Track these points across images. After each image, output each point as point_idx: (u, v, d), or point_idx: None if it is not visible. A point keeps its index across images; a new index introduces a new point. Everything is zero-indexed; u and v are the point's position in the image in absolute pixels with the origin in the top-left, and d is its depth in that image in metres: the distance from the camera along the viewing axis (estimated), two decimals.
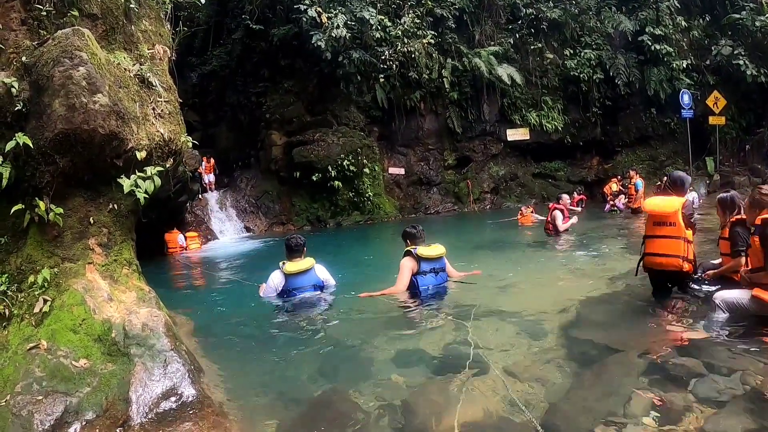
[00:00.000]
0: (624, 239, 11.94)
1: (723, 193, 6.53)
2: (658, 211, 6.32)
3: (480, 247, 13.48)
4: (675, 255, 6.15)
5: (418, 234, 7.55)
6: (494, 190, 25.92)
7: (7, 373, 4.26)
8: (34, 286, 4.99)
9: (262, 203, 22.80)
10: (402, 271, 7.30)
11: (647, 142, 26.78)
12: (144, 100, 6.27)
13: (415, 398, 4.55)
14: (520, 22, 25.87)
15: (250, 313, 7.51)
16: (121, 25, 6.50)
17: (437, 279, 7.49)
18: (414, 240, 7.51)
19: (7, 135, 5.09)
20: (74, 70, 5.09)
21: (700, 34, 25.66)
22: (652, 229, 6.39)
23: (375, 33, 21.68)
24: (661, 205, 6.35)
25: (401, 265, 7.34)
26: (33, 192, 5.20)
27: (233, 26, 24.68)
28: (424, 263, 7.34)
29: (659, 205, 6.37)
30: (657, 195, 7.10)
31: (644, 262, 6.55)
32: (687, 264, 6.14)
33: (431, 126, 25.19)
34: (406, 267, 7.28)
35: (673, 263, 6.18)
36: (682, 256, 6.11)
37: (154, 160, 6.13)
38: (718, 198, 6.51)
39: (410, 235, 7.60)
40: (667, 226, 6.20)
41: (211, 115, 26.16)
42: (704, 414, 3.89)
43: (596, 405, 4.13)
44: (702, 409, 3.94)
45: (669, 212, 6.18)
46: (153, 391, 4.37)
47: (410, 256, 7.31)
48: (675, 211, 6.12)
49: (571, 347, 5.41)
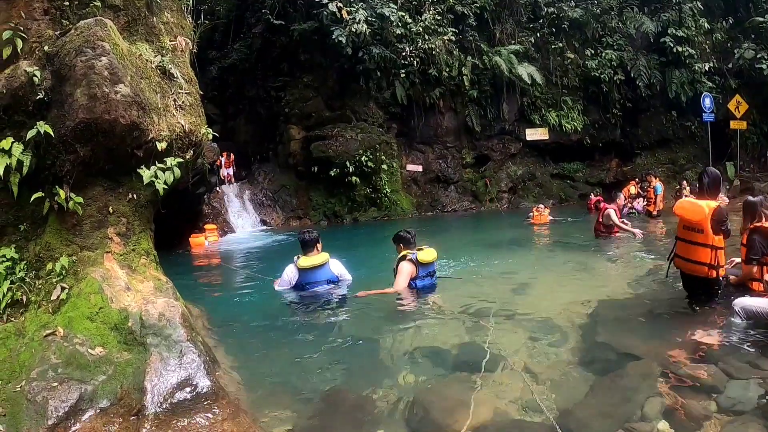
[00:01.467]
0: (641, 243, 11.81)
1: (751, 197, 6.32)
2: (686, 217, 6.12)
3: (497, 246, 13.41)
4: (701, 262, 5.97)
5: (412, 239, 7.64)
6: (512, 189, 25.75)
7: (23, 359, 4.29)
8: (52, 273, 5.03)
9: (280, 197, 22.84)
10: (402, 275, 7.38)
11: (667, 146, 26.47)
12: (165, 91, 6.29)
13: (429, 396, 4.54)
14: (542, 21, 25.63)
15: (265, 306, 7.55)
16: (143, 17, 6.52)
17: (432, 281, 7.73)
18: (408, 245, 7.61)
19: (29, 123, 5.14)
20: (96, 60, 5.12)
21: (723, 37, 25.28)
22: (682, 232, 6.22)
23: (395, 29, 21.60)
24: (690, 210, 6.10)
25: (401, 269, 7.42)
26: (53, 180, 5.24)
27: (253, 20, 24.70)
28: (422, 268, 7.49)
29: (688, 210, 6.13)
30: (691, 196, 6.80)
31: (675, 262, 6.43)
32: (713, 271, 5.93)
33: (450, 124, 25.08)
34: (406, 272, 7.38)
35: (699, 270, 6.02)
36: (708, 263, 5.91)
37: (175, 151, 6.15)
38: (745, 201, 6.36)
39: (404, 239, 7.66)
40: (695, 232, 6.00)
41: (231, 108, 26.24)
42: (722, 422, 3.84)
43: (612, 410, 4.09)
44: (720, 417, 3.89)
45: (697, 219, 5.94)
46: (168, 381, 4.38)
47: (411, 262, 7.41)
48: (703, 218, 5.86)
49: (588, 351, 5.37)
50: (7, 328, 4.64)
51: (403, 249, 7.60)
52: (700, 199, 6.11)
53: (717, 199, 6.13)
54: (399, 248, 7.67)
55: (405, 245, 7.61)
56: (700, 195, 6.15)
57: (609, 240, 12.33)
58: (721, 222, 5.90)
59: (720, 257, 5.96)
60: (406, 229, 7.84)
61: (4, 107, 5.21)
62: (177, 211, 11.20)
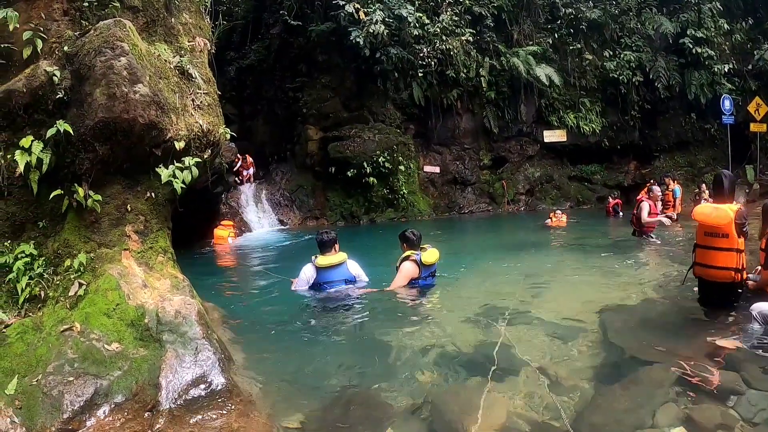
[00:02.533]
0: (659, 246, 11.70)
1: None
2: (710, 222, 5.93)
3: (513, 248, 13.34)
4: (728, 268, 5.83)
5: (417, 240, 7.77)
6: (529, 191, 25.61)
7: (39, 353, 4.35)
8: (70, 270, 5.10)
9: (297, 197, 22.90)
10: (402, 274, 7.58)
11: (686, 148, 26.19)
12: (183, 91, 6.35)
13: (444, 397, 4.54)
14: (559, 22, 25.46)
15: (282, 305, 7.57)
16: (162, 18, 6.59)
17: (432, 280, 7.94)
18: (412, 246, 7.75)
19: (49, 122, 5.23)
20: (115, 60, 5.19)
21: (743, 38, 24.97)
22: (703, 239, 6.04)
23: (413, 30, 21.58)
24: (714, 215, 5.90)
25: (403, 269, 7.61)
26: (72, 178, 5.31)
27: (271, 21, 24.82)
28: (425, 269, 7.67)
29: (711, 216, 5.93)
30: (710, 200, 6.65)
31: (695, 270, 6.26)
32: (739, 275, 5.84)
33: (467, 125, 24.99)
34: (408, 272, 7.58)
35: (726, 276, 5.88)
36: (735, 267, 5.80)
37: (193, 150, 6.21)
38: (764, 204, 6.26)
39: (409, 240, 7.79)
40: (720, 237, 5.83)
41: (248, 108, 26.36)
42: (740, 429, 3.79)
43: (625, 416, 4.06)
44: (738, 426, 3.84)
45: (722, 224, 5.78)
46: (183, 377, 4.43)
47: (414, 263, 7.58)
48: (729, 222, 5.72)
49: (602, 355, 5.32)
50: (25, 322, 4.70)
51: (407, 249, 7.73)
52: (719, 203, 6.00)
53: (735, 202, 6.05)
54: (403, 247, 7.81)
55: (409, 246, 7.74)
56: (720, 198, 6.05)
57: (629, 242, 12.22)
58: (743, 224, 5.82)
59: (744, 260, 5.87)
60: (412, 230, 7.94)
61: (25, 106, 5.30)
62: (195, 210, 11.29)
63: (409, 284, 7.59)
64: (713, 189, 6.26)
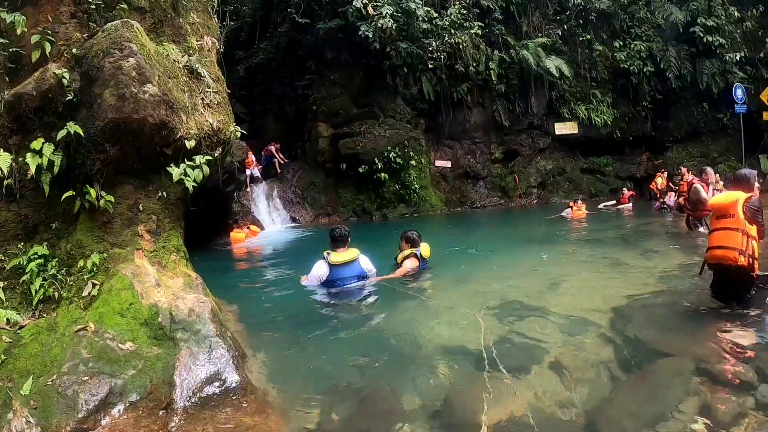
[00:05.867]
0: (674, 238, 11.60)
1: None
2: (719, 205, 6.22)
3: (528, 241, 13.30)
4: (731, 247, 5.77)
5: (419, 240, 8.43)
6: (541, 184, 25.50)
7: (54, 354, 4.38)
8: (83, 270, 5.14)
9: (309, 194, 22.90)
10: (405, 268, 8.17)
11: (699, 138, 26.02)
12: (193, 90, 6.37)
13: (457, 393, 4.51)
14: (568, 13, 25.31)
15: (295, 302, 7.57)
16: (170, 18, 6.61)
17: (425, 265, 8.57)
18: (414, 245, 8.36)
19: (59, 124, 5.27)
20: (124, 60, 5.21)
21: (754, 26, 24.71)
22: (714, 222, 6.21)
23: (422, 24, 21.49)
24: (722, 198, 6.26)
25: (406, 264, 8.20)
26: (84, 179, 5.35)
27: (279, 20, 24.80)
28: (423, 262, 8.43)
29: (720, 199, 6.32)
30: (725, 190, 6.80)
31: (706, 258, 6.23)
32: (743, 258, 5.72)
33: (478, 119, 24.90)
34: (411, 266, 8.20)
35: (729, 255, 5.80)
36: (739, 248, 5.72)
37: (203, 149, 6.23)
38: None
39: (411, 240, 8.44)
40: (727, 218, 5.96)
41: (258, 107, 26.35)
42: (757, 421, 3.75)
43: (641, 409, 4.02)
44: (757, 416, 3.80)
45: (728, 203, 5.98)
46: (197, 375, 4.44)
47: (416, 257, 8.27)
48: (734, 201, 5.89)
49: (617, 348, 5.27)
50: (40, 323, 4.74)
51: (408, 248, 8.31)
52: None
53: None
54: (404, 246, 8.39)
55: (412, 245, 8.34)
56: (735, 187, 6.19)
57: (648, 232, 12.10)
58: (756, 210, 5.82)
59: (752, 247, 5.77)
60: (413, 230, 8.60)
61: (35, 109, 5.34)
62: (207, 208, 11.34)
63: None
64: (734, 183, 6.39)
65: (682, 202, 16.42)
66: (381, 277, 7.92)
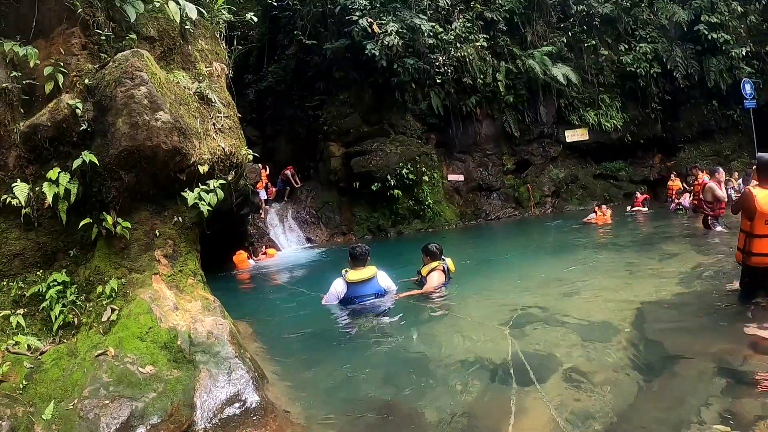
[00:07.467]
0: (691, 239, 11.52)
1: None
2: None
3: (544, 249, 13.28)
4: None
5: (440, 253, 8.38)
6: (555, 193, 25.40)
7: (75, 378, 4.42)
8: (102, 296, 5.20)
9: (323, 214, 22.99)
10: (433, 282, 8.14)
11: (710, 137, 25.89)
12: (204, 116, 6.45)
13: (478, 406, 4.49)
14: (572, 20, 25.37)
15: (313, 321, 7.59)
16: (179, 46, 6.71)
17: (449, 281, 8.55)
18: (435, 258, 8.32)
19: (74, 153, 5.36)
20: (135, 89, 5.29)
21: (758, 19, 24.60)
22: (763, 227, 5.70)
23: (427, 40, 21.64)
24: None
25: (433, 277, 8.18)
26: (100, 207, 5.42)
27: (286, 42, 25.07)
28: (449, 276, 8.45)
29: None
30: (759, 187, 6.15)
31: (751, 261, 5.89)
32: None
33: (488, 131, 24.92)
34: (440, 281, 8.20)
35: None
36: None
37: (217, 173, 6.30)
38: None
39: (433, 253, 8.36)
40: None
41: (270, 129, 26.57)
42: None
43: (666, 414, 3.99)
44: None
45: None
46: (217, 397, 4.47)
47: (442, 272, 8.25)
48: None
49: (639, 353, 5.24)
50: (60, 349, 4.79)
51: (430, 261, 8.25)
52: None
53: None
54: (426, 260, 8.33)
55: (433, 258, 8.27)
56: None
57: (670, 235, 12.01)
58: None
59: None
60: (434, 244, 8.49)
61: (50, 139, 5.44)
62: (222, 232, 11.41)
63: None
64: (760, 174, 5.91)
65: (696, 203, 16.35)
66: (406, 293, 7.97)
